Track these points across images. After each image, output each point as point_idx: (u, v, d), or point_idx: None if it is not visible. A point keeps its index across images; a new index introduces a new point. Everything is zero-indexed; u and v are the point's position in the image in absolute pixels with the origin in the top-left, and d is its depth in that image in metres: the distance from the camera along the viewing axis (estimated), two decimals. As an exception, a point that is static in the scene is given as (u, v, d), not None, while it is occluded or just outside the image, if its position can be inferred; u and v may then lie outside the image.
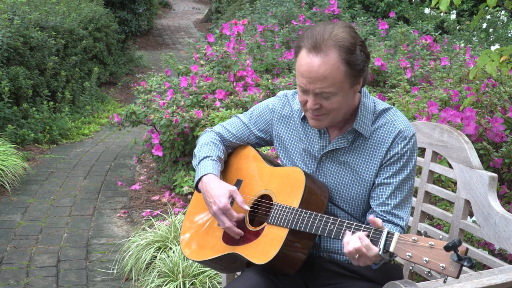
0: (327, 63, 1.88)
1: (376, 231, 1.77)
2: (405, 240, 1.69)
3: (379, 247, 1.72)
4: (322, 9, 7.74)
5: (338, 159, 2.09)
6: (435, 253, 1.63)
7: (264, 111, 2.26)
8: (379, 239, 1.74)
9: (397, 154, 2.02)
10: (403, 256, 1.68)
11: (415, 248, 1.66)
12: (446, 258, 1.60)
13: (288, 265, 1.99)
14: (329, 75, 1.88)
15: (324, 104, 1.94)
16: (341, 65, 1.88)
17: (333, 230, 1.88)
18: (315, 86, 1.91)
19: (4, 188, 5.07)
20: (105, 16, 9.95)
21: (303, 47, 1.93)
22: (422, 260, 1.64)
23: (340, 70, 1.89)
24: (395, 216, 2.01)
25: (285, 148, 2.20)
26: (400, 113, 2.08)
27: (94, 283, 3.63)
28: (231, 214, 2.06)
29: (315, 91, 1.92)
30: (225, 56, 5.27)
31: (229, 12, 11.14)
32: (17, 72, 6.45)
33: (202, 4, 19.88)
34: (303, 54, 1.92)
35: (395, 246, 1.70)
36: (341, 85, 1.91)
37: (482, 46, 6.37)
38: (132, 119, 5.07)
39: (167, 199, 4.83)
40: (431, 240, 1.65)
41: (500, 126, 3.22)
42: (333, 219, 1.90)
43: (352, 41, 1.91)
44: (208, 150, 2.25)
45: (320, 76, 1.89)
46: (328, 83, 1.89)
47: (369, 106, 2.06)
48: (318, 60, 1.88)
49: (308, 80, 1.91)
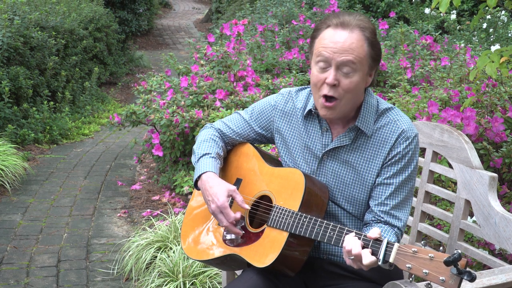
0: (354, 38, 1.95)
1: (375, 241, 1.76)
2: (405, 251, 1.68)
3: (379, 258, 1.72)
4: (322, 9, 7.74)
5: (339, 158, 2.08)
6: (435, 265, 1.62)
7: (266, 108, 2.24)
8: (378, 249, 1.74)
9: (399, 154, 2.01)
10: (402, 267, 1.67)
11: (415, 260, 1.66)
12: (446, 271, 1.60)
13: (287, 268, 1.99)
14: (355, 49, 1.93)
15: (343, 82, 1.95)
16: (365, 44, 1.96)
17: (333, 237, 1.87)
18: (340, 56, 1.93)
19: (4, 188, 5.07)
20: (105, 16, 9.95)
21: (329, 25, 1.98)
22: (422, 272, 1.63)
23: (364, 48, 1.95)
24: (393, 217, 2.01)
25: (287, 145, 2.18)
26: (402, 113, 2.08)
27: (94, 283, 3.63)
28: (228, 213, 2.05)
29: (339, 62, 1.93)
30: (225, 56, 5.27)
31: (229, 12, 11.14)
32: (17, 72, 6.45)
33: (202, 4, 19.88)
34: (329, 30, 1.97)
35: (395, 257, 1.70)
36: (362, 63, 1.95)
37: (482, 46, 6.37)
38: (132, 119, 5.07)
39: (167, 199, 4.83)
40: (431, 252, 1.65)
41: (500, 126, 3.22)
42: (333, 225, 1.89)
43: (372, 27, 2.00)
44: (207, 147, 2.23)
45: (347, 47, 1.93)
46: (353, 56, 1.93)
47: (372, 105, 2.06)
48: (346, 33, 1.95)
49: (334, 49, 1.94)
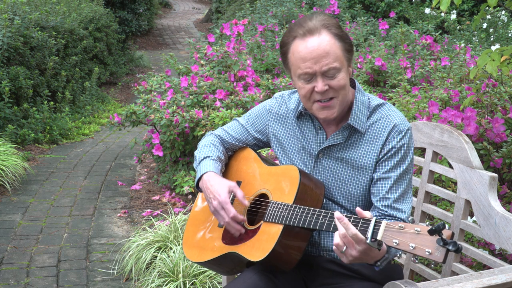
0: (325, 40, 1.96)
1: (364, 221, 1.77)
2: (392, 227, 1.68)
3: (367, 236, 1.71)
4: (322, 9, 7.74)
5: (334, 156, 2.10)
6: (421, 238, 1.62)
7: (262, 112, 2.28)
8: (367, 228, 1.74)
9: (394, 148, 2.03)
10: (389, 243, 1.67)
11: (402, 235, 1.65)
12: (431, 243, 1.60)
13: (285, 261, 2.00)
14: (330, 50, 1.95)
15: (332, 84, 1.97)
16: (336, 41, 1.97)
17: (325, 223, 1.90)
18: (321, 64, 1.94)
19: (5, 188, 5.07)
20: (106, 16, 9.95)
21: (295, 37, 1.99)
22: (409, 246, 1.63)
23: (336, 45, 1.97)
24: (396, 210, 2.02)
25: (283, 147, 2.21)
26: (394, 108, 2.10)
27: (94, 283, 3.63)
28: (229, 209, 2.07)
29: (322, 69, 1.95)
30: (226, 56, 5.27)
31: (230, 12, 11.14)
32: (18, 72, 6.45)
33: (203, 4, 19.89)
34: (298, 42, 1.98)
35: (383, 234, 1.69)
36: (341, 60, 1.97)
37: (483, 46, 6.37)
38: (132, 119, 5.07)
39: (168, 199, 4.83)
40: (417, 226, 1.65)
41: (501, 126, 3.22)
42: (325, 212, 1.92)
43: (334, 20, 2.02)
44: (208, 151, 2.28)
45: (323, 52, 1.94)
46: (332, 58, 1.95)
47: (363, 102, 2.08)
48: (316, 39, 1.96)
49: (312, 60, 1.95)
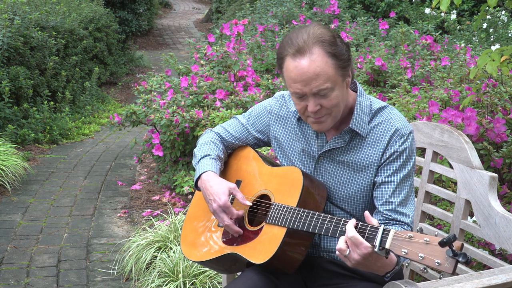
0: (316, 61, 1.88)
1: (372, 228, 1.76)
2: (401, 236, 1.68)
3: (375, 244, 1.71)
4: (322, 9, 7.74)
5: (335, 159, 2.09)
6: (431, 249, 1.62)
7: (262, 112, 2.26)
8: (375, 236, 1.73)
9: (396, 152, 2.01)
10: (398, 252, 1.67)
11: (411, 245, 1.65)
12: (441, 254, 1.60)
13: (287, 264, 1.99)
14: (320, 72, 1.88)
15: (324, 103, 1.93)
16: (328, 59, 1.89)
17: (330, 228, 1.88)
18: (311, 87, 1.90)
19: (5, 188, 5.07)
20: (106, 16, 9.95)
21: (286, 55, 1.94)
22: (418, 256, 1.63)
23: (329, 64, 1.89)
24: (400, 214, 2.00)
25: (283, 149, 2.20)
26: (396, 111, 2.08)
27: (94, 283, 3.63)
28: (231, 212, 2.07)
29: (313, 91, 1.91)
30: (226, 56, 5.27)
31: (230, 12, 11.13)
32: (18, 72, 6.45)
33: (203, 4, 19.89)
34: (289, 61, 1.93)
35: (391, 242, 1.69)
36: (334, 78, 1.91)
37: (483, 46, 6.37)
38: (132, 119, 5.07)
39: (168, 199, 4.83)
40: (426, 236, 1.65)
41: (501, 127, 3.22)
42: (330, 217, 1.90)
43: (330, 34, 1.93)
44: (207, 149, 2.26)
45: (313, 75, 1.89)
46: (322, 80, 1.89)
47: (365, 105, 2.06)
48: (306, 60, 1.89)
49: (302, 83, 1.91)
